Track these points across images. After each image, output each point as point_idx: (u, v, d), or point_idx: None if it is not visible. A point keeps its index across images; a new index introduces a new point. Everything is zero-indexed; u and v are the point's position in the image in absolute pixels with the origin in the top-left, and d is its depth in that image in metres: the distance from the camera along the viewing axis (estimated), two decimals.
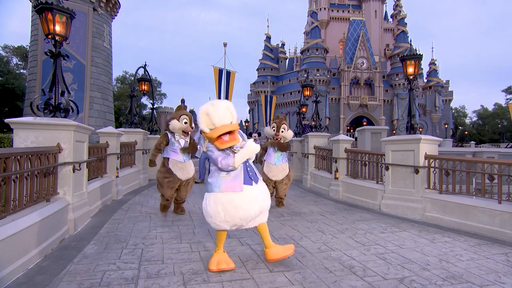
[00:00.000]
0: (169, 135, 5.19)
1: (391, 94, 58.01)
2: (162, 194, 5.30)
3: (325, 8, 63.24)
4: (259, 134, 14.14)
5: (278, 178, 5.90)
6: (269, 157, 5.95)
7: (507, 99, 62.83)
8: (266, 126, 9.40)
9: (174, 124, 5.07)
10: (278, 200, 6.21)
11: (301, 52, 62.37)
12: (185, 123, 5.04)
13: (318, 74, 55.33)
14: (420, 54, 6.10)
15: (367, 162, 6.89)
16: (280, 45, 68.82)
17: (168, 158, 5.18)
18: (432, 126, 57.16)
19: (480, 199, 4.84)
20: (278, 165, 5.88)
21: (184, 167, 5.20)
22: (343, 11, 63.55)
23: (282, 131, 5.89)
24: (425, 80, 60.70)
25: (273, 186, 5.98)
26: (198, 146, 7.03)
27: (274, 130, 5.94)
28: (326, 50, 59.31)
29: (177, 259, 3.32)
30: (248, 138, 3.14)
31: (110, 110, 22.71)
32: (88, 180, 5.06)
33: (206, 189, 2.98)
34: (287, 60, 68.57)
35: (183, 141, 5.24)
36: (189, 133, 5.36)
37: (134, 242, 3.85)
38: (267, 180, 5.75)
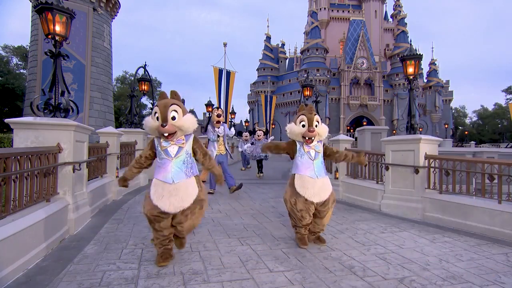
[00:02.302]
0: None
1: (391, 94, 58.04)
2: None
3: (325, 8, 63.26)
4: (251, 133, 14.13)
5: (320, 199, 3.73)
6: (303, 167, 3.78)
7: (507, 99, 62.87)
8: (266, 126, 9.37)
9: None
10: (316, 234, 3.98)
11: (301, 52, 62.40)
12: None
13: (318, 74, 55.37)
14: (420, 54, 6.10)
15: (367, 162, 6.89)
16: (280, 45, 68.87)
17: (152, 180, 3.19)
18: (432, 126, 57.19)
19: (480, 199, 4.84)
20: (319, 179, 3.76)
21: (173, 191, 3.04)
22: (343, 11, 63.58)
23: (316, 125, 3.78)
24: (425, 80, 60.72)
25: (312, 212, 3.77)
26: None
27: (303, 125, 3.76)
28: (326, 50, 59.34)
29: (177, 259, 3.32)
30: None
31: (110, 110, 22.72)
32: (88, 180, 5.06)
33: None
34: (287, 60, 68.60)
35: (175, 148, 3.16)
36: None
37: (134, 242, 3.85)
38: (302, 203, 3.67)
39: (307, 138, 3.75)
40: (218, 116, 7.08)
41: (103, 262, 3.19)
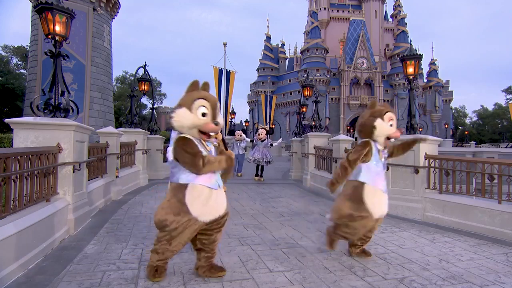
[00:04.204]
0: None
1: (391, 94, 58.02)
2: (158, 250, 2.71)
3: (325, 8, 63.24)
4: (244, 131, 13.54)
5: (383, 214, 3.26)
6: (377, 177, 3.18)
7: (507, 99, 62.85)
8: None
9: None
10: (362, 247, 3.48)
11: (301, 52, 62.38)
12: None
13: (318, 74, 55.34)
14: (420, 54, 6.10)
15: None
16: (280, 45, 68.86)
17: (187, 185, 2.61)
18: (432, 126, 57.20)
19: (480, 199, 4.84)
20: (385, 193, 3.28)
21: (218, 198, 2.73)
22: (343, 11, 63.55)
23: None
24: (425, 80, 60.70)
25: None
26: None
27: (392, 125, 3.19)
28: (326, 50, 59.31)
29: (177, 259, 3.31)
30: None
31: (110, 110, 22.72)
32: (88, 180, 5.06)
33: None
34: (287, 60, 68.59)
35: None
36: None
37: (134, 242, 3.85)
38: (372, 221, 3.20)
39: (388, 140, 3.16)
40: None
41: (103, 262, 3.19)
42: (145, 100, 42.24)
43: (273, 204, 6.48)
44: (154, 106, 11.61)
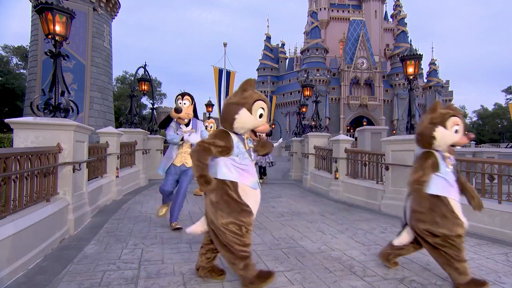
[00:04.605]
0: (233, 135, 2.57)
1: (391, 94, 58.05)
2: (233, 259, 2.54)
3: (325, 8, 63.27)
4: None
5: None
6: (453, 189, 2.87)
7: (507, 99, 62.86)
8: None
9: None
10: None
11: (301, 52, 62.43)
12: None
13: (318, 74, 55.39)
14: (420, 54, 6.10)
15: (367, 162, 6.89)
16: (280, 45, 68.91)
17: (234, 183, 2.53)
18: None
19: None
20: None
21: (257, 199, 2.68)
22: (343, 11, 63.58)
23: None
24: (425, 80, 60.73)
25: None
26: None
27: (457, 131, 2.77)
28: (326, 50, 59.35)
29: (177, 259, 3.32)
30: None
31: (110, 110, 22.72)
32: (88, 180, 5.06)
33: None
34: (287, 60, 68.63)
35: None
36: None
37: (134, 242, 3.85)
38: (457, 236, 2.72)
39: (453, 147, 2.82)
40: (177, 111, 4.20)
41: (103, 262, 3.19)
42: (145, 100, 42.26)
43: (273, 204, 6.48)
44: (154, 106, 11.61)
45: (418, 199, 2.82)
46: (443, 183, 2.76)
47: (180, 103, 4.22)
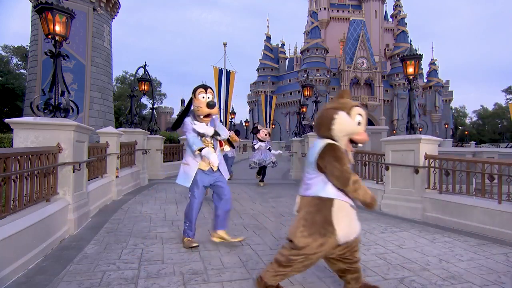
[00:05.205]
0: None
1: (391, 94, 58.04)
2: (285, 272, 2.37)
3: (325, 8, 63.26)
4: (237, 133, 10.73)
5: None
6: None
7: (507, 99, 62.86)
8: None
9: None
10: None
11: (301, 52, 62.42)
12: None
13: (318, 74, 55.40)
14: (420, 54, 6.11)
15: (367, 162, 6.89)
16: (280, 45, 68.89)
17: (332, 201, 2.26)
18: (432, 126, 57.22)
19: (480, 199, 4.84)
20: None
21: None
22: (343, 11, 63.58)
23: None
24: (425, 80, 60.71)
25: None
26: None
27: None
28: (326, 50, 59.34)
29: (177, 259, 3.32)
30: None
31: (110, 110, 22.71)
32: (88, 180, 5.06)
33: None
34: (287, 60, 68.62)
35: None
36: None
37: (134, 242, 3.85)
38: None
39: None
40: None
41: (103, 262, 3.19)
42: (145, 100, 42.27)
43: (273, 204, 6.48)
44: (154, 106, 11.62)
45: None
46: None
47: (204, 97, 3.49)
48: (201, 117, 3.55)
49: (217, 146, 3.78)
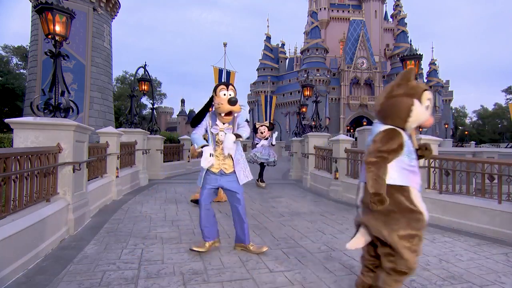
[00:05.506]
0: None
1: None
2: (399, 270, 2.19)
3: (325, 8, 63.27)
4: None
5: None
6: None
7: (507, 99, 62.89)
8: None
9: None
10: None
11: (301, 52, 62.40)
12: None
13: (318, 74, 55.38)
14: (420, 54, 6.11)
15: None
16: (280, 45, 68.86)
17: (405, 188, 2.19)
18: (432, 126, 57.18)
19: (480, 199, 4.84)
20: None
21: None
22: (343, 11, 63.58)
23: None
24: (425, 80, 60.63)
25: None
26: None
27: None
28: (326, 50, 59.33)
29: (177, 259, 3.32)
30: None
31: (110, 110, 22.71)
32: (88, 180, 5.06)
33: None
34: (287, 60, 68.60)
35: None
36: None
37: (134, 242, 3.85)
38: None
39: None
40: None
41: (103, 262, 3.19)
42: (145, 100, 42.28)
43: (273, 204, 6.48)
44: (154, 106, 11.62)
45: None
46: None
47: (225, 94, 3.29)
48: (223, 115, 3.32)
49: (238, 145, 3.47)
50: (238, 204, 3.44)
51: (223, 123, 3.39)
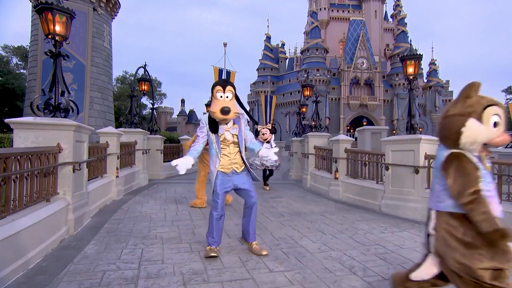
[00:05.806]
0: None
1: (391, 94, 58.04)
2: None
3: (325, 8, 63.27)
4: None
5: None
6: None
7: (507, 99, 62.76)
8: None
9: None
10: None
11: (301, 52, 62.41)
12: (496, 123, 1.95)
13: (318, 74, 55.39)
14: (420, 54, 6.11)
15: (367, 162, 6.88)
16: (280, 45, 68.87)
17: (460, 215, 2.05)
18: (432, 126, 57.15)
19: None
20: None
21: None
22: (343, 11, 63.59)
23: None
24: (425, 80, 60.72)
25: None
26: None
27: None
28: (326, 50, 59.34)
29: (177, 259, 3.32)
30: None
31: (110, 110, 22.71)
32: (88, 180, 5.06)
33: None
34: (287, 60, 68.61)
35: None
36: None
37: (134, 242, 3.85)
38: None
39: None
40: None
41: (103, 262, 3.19)
42: (145, 100, 42.24)
43: (273, 204, 6.48)
44: (154, 106, 11.62)
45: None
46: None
47: (222, 96, 3.13)
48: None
49: (243, 148, 3.46)
50: (253, 202, 3.53)
51: (226, 124, 3.32)
